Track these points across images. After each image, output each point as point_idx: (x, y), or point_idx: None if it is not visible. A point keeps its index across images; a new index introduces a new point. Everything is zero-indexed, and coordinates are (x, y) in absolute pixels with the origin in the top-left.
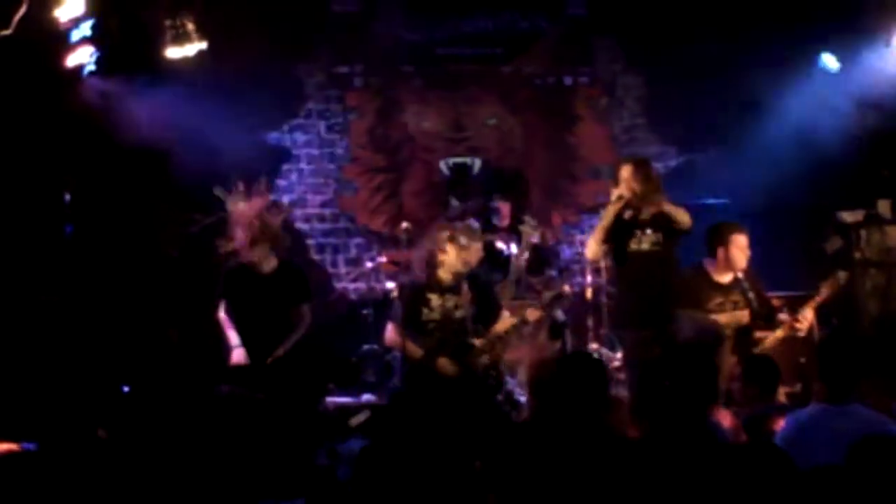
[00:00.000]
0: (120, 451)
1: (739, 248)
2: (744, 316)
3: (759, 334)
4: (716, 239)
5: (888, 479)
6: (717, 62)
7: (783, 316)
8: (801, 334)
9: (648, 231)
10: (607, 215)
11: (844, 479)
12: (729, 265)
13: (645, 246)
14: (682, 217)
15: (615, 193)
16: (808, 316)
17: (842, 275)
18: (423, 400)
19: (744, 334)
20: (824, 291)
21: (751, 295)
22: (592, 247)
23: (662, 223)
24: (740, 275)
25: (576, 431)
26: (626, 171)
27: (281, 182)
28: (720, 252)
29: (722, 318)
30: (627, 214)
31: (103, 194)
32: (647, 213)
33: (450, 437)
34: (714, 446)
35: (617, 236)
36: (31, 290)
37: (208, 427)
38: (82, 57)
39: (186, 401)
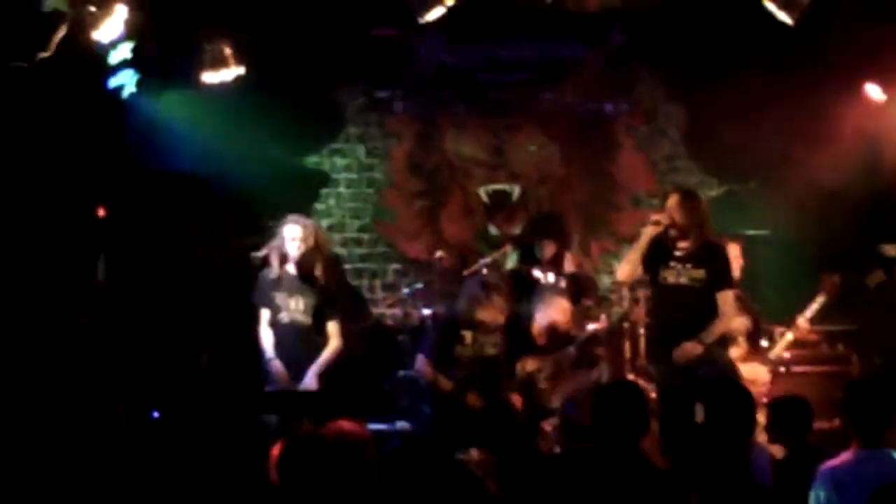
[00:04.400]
0: (149, 473)
1: (733, 260)
2: (748, 322)
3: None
4: None
5: None
6: (759, 92)
7: (780, 329)
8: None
9: (689, 265)
10: (641, 239)
11: None
12: None
13: (683, 280)
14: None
15: (653, 217)
16: (802, 325)
17: (836, 278)
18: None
19: (751, 340)
20: (820, 298)
21: (749, 305)
22: (624, 269)
23: (709, 260)
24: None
25: (613, 462)
26: (671, 200)
27: (319, 206)
28: None
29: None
30: (667, 245)
31: (140, 217)
32: (690, 246)
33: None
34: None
35: (655, 266)
36: (65, 312)
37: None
38: (122, 79)
39: (219, 427)
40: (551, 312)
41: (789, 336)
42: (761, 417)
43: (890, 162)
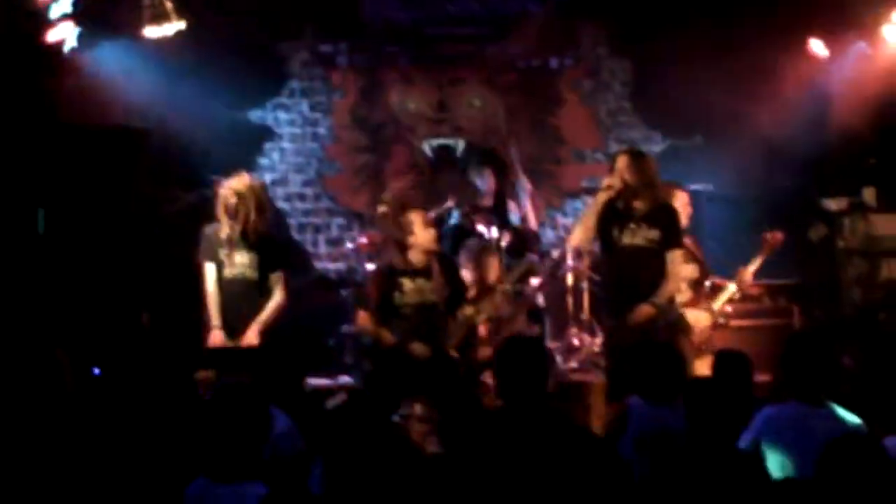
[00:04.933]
0: (91, 433)
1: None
2: (693, 270)
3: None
4: None
5: (858, 482)
6: (703, 47)
7: (718, 281)
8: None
9: (643, 225)
10: (595, 203)
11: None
12: None
13: (638, 240)
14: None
15: (605, 182)
16: (744, 279)
17: (778, 234)
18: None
19: (695, 289)
20: (763, 254)
21: (696, 252)
22: (578, 234)
23: (662, 219)
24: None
25: (525, 416)
26: (621, 162)
27: (263, 161)
28: None
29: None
30: (621, 206)
31: (81, 172)
32: (643, 206)
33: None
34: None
35: (608, 227)
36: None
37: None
38: (63, 33)
39: (159, 384)
40: (482, 271)
41: (732, 288)
42: (703, 365)
43: (833, 117)
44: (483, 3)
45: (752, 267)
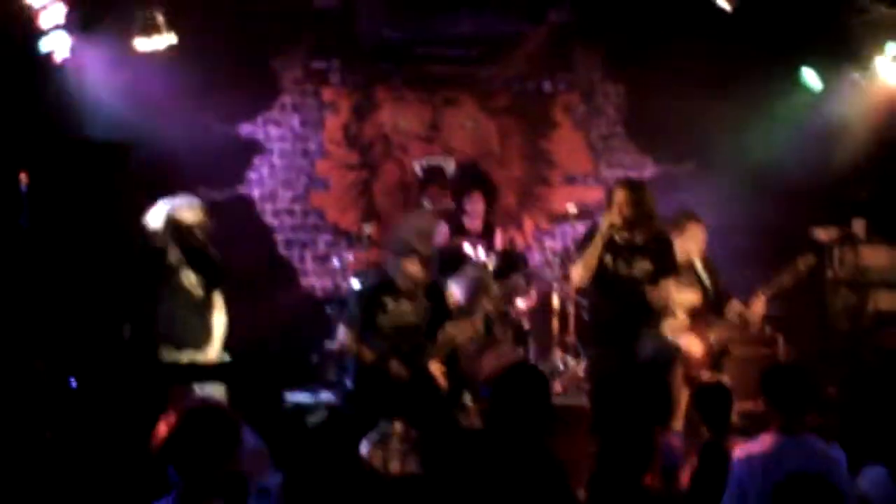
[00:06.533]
0: (67, 447)
1: (693, 238)
2: (695, 297)
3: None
4: (673, 224)
5: None
6: (697, 74)
7: (735, 304)
8: (753, 327)
9: (638, 256)
10: (596, 243)
11: None
12: (682, 250)
13: (636, 273)
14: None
15: (605, 221)
16: (758, 308)
17: (801, 263)
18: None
19: (696, 316)
20: (777, 282)
21: (705, 279)
22: (580, 273)
23: (657, 251)
24: (696, 260)
25: (513, 445)
26: (619, 196)
27: (252, 175)
28: (675, 236)
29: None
30: (620, 237)
31: (65, 184)
32: (640, 238)
33: None
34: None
35: (603, 256)
36: None
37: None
38: (54, 42)
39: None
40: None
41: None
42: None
43: (825, 148)
44: (477, 24)
45: (759, 303)
